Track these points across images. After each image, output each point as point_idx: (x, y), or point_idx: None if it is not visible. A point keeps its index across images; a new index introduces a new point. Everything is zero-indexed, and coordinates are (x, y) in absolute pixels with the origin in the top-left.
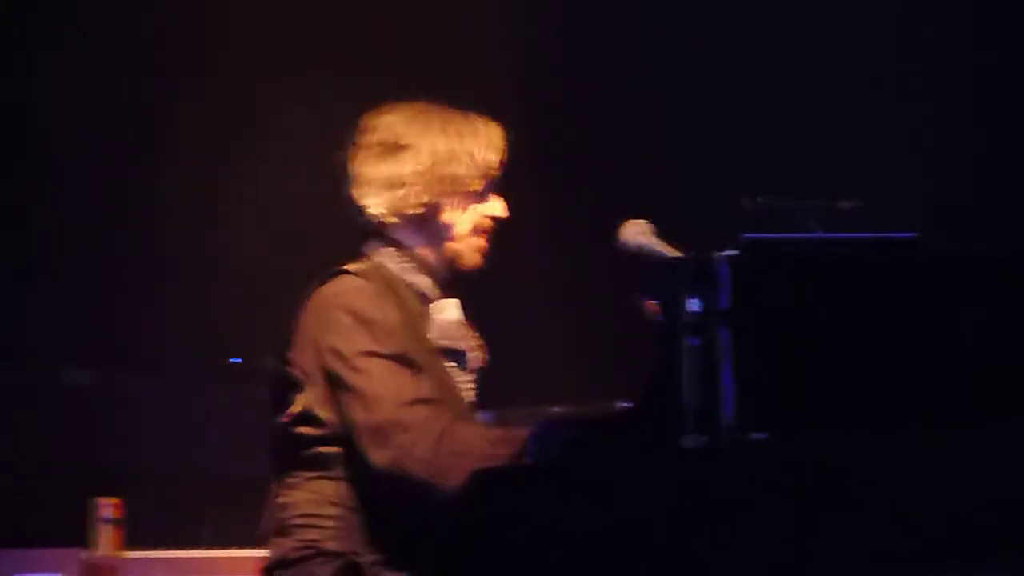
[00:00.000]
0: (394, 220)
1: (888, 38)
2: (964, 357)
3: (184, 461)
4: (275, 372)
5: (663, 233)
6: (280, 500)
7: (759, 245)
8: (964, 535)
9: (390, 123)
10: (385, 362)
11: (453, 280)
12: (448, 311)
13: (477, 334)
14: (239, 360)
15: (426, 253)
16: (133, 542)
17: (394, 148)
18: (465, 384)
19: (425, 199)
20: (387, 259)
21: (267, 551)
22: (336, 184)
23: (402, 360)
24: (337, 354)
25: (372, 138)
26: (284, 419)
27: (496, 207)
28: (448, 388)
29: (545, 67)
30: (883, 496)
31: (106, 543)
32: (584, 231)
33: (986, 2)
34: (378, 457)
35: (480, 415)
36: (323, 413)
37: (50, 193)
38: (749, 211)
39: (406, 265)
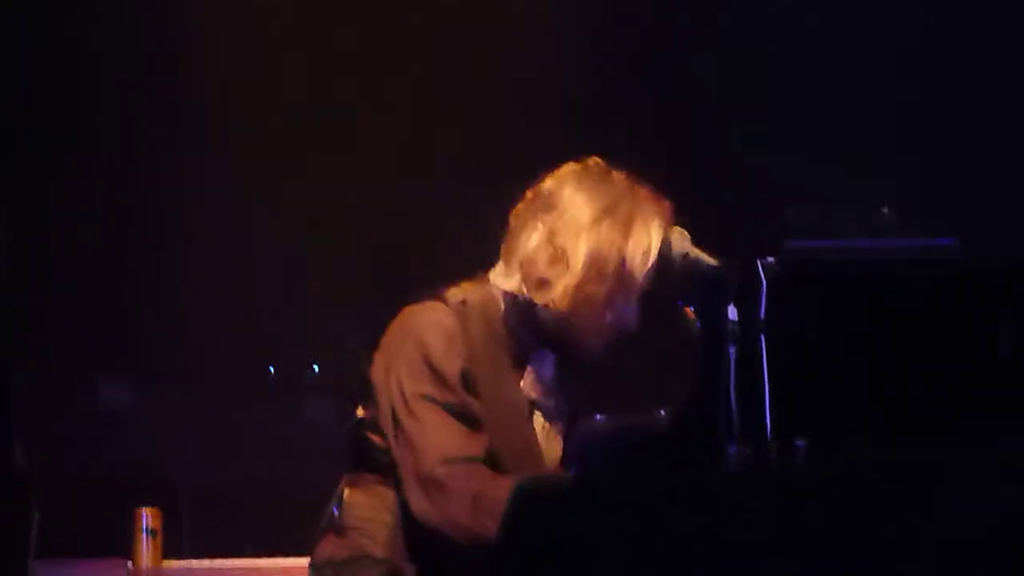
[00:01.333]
0: (524, 297)
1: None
2: (1005, 364)
3: (225, 471)
4: (361, 369)
5: (704, 241)
6: (345, 497)
7: (800, 252)
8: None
9: (556, 204)
10: (439, 411)
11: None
12: (545, 365)
13: (572, 387)
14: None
15: (546, 319)
16: (176, 552)
17: (553, 243)
18: (552, 435)
19: (556, 312)
20: (503, 301)
21: (318, 545)
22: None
23: (457, 412)
24: (400, 388)
25: (538, 214)
26: (359, 417)
27: (630, 318)
28: (521, 442)
29: (578, 73)
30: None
31: (146, 553)
32: None
33: None
34: (417, 509)
35: None
36: (387, 432)
37: (90, 208)
38: (793, 220)
39: (516, 315)
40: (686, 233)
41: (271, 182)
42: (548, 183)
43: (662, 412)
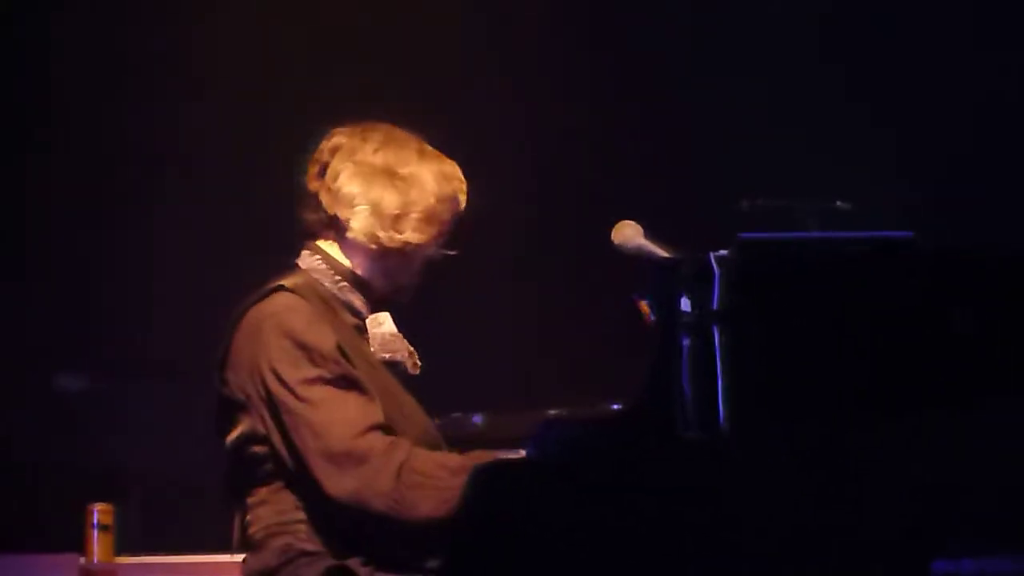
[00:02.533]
0: (369, 245)
1: (882, 39)
2: (957, 352)
3: (180, 465)
4: (216, 392)
5: (659, 234)
6: (248, 518)
7: (753, 244)
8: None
9: (382, 144)
10: (330, 388)
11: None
12: (385, 324)
13: (406, 343)
14: None
15: (368, 275)
16: (129, 547)
17: (391, 174)
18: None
19: (415, 238)
20: (322, 276)
21: (243, 568)
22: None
23: (347, 383)
24: (279, 379)
25: (362, 156)
26: (230, 441)
27: (433, 257)
28: (400, 404)
29: (539, 67)
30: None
31: (98, 549)
32: (579, 232)
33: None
34: (335, 488)
35: (474, 418)
36: (268, 433)
37: (46, 197)
38: (747, 212)
39: (339, 282)
40: (639, 226)
41: (228, 173)
42: (351, 139)
43: (615, 406)
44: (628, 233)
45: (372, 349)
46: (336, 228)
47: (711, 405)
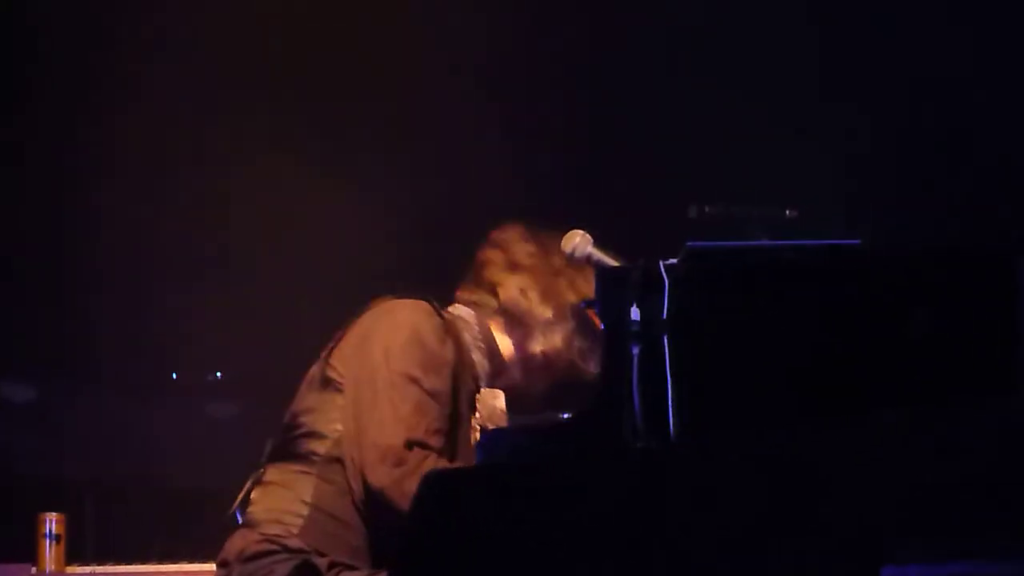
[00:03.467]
0: (499, 318)
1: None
2: (904, 357)
3: (134, 475)
4: (314, 368)
5: (608, 243)
6: (254, 493)
7: (702, 253)
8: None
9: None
10: (421, 393)
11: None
12: (499, 400)
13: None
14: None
15: (501, 347)
16: (80, 557)
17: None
18: None
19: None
20: (464, 326)
21: (227, 542)
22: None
23: (436, 397)
24: (389, 362)
25: (538, 264)
26: (293, 408)
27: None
28: (466, 448)
29: (487, 75)
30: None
31: (50, 559)
32: None
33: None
34: (373, 477)
35: None
36: (332, 410)
37: None
38: (696, 220)
39: (479, 342)
40: (588, 235)
41: (180, 186)
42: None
43: (565, 415)
44: (578, 242)
45: (478, 415)
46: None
47: (660, 413)
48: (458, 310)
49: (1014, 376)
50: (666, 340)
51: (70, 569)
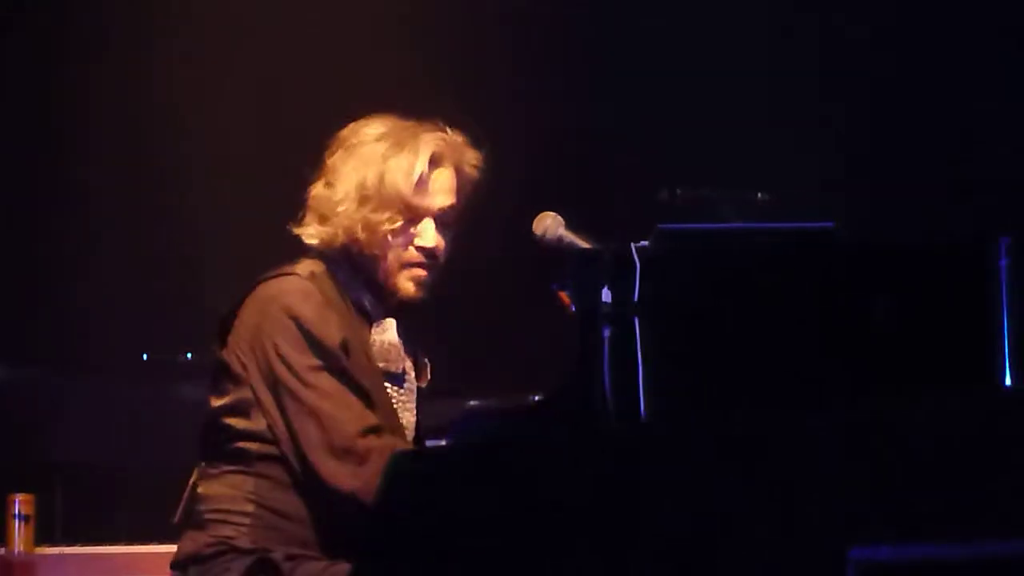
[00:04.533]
0: (328, 250)
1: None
2: (875, 342)
3: (101, 457)
4: (213, 358)
5: (580, 225)
6: (199, 490)
7: (674, 235)
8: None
9: (339, 148)
10: (334, 380)
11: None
12: (387, 332)
13: (420, 354)
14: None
15: (370, 275)
16: (49, 538)
17: (328, 180)
18: (404, 404)
19: (342, 240)
20: (338, 270)
21: (179, 543)
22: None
23: (347, 379)
24: (284, 362)
25: (326, 160)
26: (214, 406)
27: (422, 238)
28: (384, 409)
29: (461, 59)
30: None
31: (19, 539)
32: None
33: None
34: (336, 481)
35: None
36: (256, 411)
37: None
38: (667, 202)
39: (352, 279)
40: (560, 217)
41: (148, 169)
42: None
43: (535, 397)
44: (548, 224)
45: (376, 361)
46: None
47: (632, 395)
48: (309, 264)
49: (985, 364)
50: (637, 322)
51: (39, 550)
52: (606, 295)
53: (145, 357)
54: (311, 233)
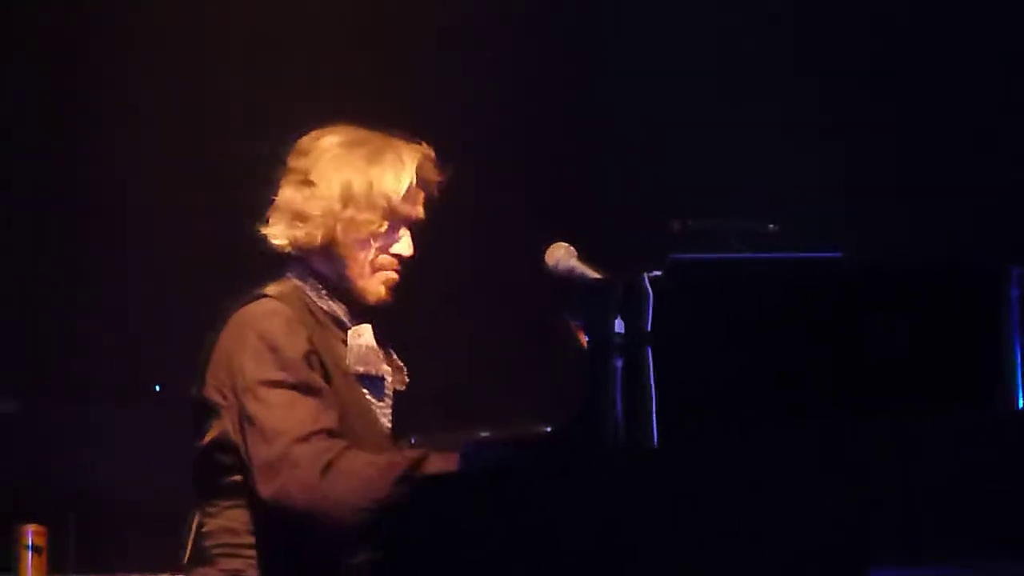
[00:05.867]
0: (296, 252)
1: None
2: (885, 368)
3: (115, 486)
4: (193, 396)
5: (592, 256)
6: (203, 529)
7: (686, 266)
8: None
9: (310, 152)
10: (287, 392)
11: (369, 308)
12: (363, 336)
13: (395, 358)
14: (159, 387)
15: (338, 282)
16: (61, 568)
17: (305, 181)
18: (382, 411)
19: (320, 239)
20: (305, 285)
21: None
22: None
23: (304, 389)
24: (243, 377)
25: (293, 165)
26: (201, 445)
27: (400, 245)
28: (362, 417)
29: (471, 85)
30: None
31: (31, 571)
32: (511, 253)
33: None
34: (264, 490)
35: (410, 439)
36: (237, 439)
37: None
38: (677, 233)
39: (321, 291)
40: (572, 248)
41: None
42: (298, 146)
43: (547, 428)
44: (561, 255)
45: (347, 362)
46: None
47: (644, 425)
48: (278, 285)
49: (996, 386)
50: (650, 352)
51: None
52: (618, 325)
53: (158, 388)
54: (277, 233)
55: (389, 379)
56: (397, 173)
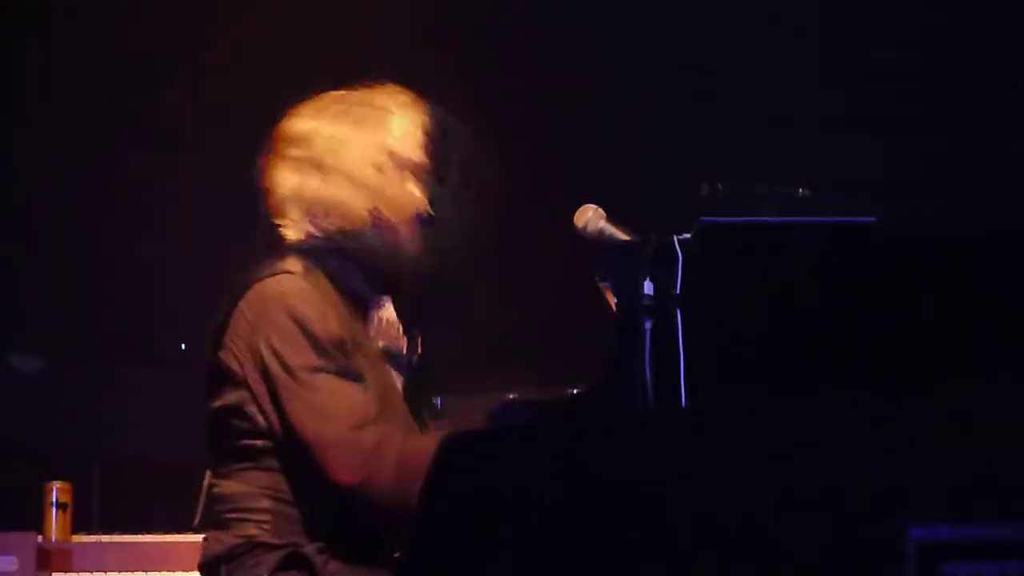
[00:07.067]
0: (321, 242)
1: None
2: (916, 333)
3: (139, 446)
4: (207, 359)
5: (621, 218)
6: (215, 491)
7: (716, 229)
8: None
9: (308, 133)
10: (333, 378)
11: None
12: (386, 309)
13: (412, 328)
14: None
15: (363, 256)
16: (86, 526)
17: (317, 166)
18: (400, 384)
19: (347, 226)
20: (324, 261)
21: (203, 545)
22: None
23: (348, 374)
24: (281, 363)
25: (291, 150)
26: (213, 408)
27: (438, 204)
28: (391, 395)
29: (501, 54)
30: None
31: (56, 527)
32: (541, 216)
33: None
34: (343, 477)
35: (436, 401)
36: (254, 409)
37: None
38: (708, 197)
39: (343, 266)
40: (601, 210)
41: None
42: (288, 129)
43: (574, 390)
44: (590, 216)
45: (371, 335)
46: None
47: (673, 387)
48: (296, 261)
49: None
50: (679, 314)
51: (76, 538)
52: (648, 287)
53: (184, 347)
54: (299, 227)
55: (405, 351)
56: (404, 130)
